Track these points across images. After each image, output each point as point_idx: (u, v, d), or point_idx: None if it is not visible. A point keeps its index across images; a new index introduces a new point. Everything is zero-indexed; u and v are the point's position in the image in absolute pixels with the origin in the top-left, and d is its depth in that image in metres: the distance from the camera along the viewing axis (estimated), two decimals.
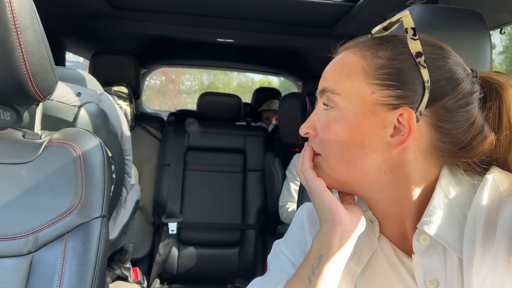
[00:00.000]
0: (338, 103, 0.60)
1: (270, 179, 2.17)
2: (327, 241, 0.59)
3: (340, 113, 0.59)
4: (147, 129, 2.51)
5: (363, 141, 0.58)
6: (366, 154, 0.58)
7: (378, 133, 0.57)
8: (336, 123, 0.59)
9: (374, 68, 0.58)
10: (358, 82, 0.59)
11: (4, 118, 0.93)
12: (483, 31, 0.77)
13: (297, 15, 1.85)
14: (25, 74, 0.81)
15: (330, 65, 0.65)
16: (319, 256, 0.59)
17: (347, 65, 0.61)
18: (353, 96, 0.59)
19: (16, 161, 0.88)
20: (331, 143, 0.60)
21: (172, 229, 2.25)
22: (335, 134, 0.59)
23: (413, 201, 0.60)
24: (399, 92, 0.56)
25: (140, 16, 2.02)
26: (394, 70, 0.57)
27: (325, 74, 0.65)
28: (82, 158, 0.90)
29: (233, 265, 2.33)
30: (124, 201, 1.49)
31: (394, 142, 0.57)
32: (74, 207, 0.87)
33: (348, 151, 0.59)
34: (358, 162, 0.59)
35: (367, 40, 0.63)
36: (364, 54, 0.60)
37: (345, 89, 0.59)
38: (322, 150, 0.62)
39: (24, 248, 0.82)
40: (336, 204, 0.59)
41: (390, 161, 0.58)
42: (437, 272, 0.58)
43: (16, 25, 0.77)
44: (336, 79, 0.61)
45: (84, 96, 1.14)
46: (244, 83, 12.47)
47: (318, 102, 0.65)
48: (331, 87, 0.61)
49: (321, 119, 0.63)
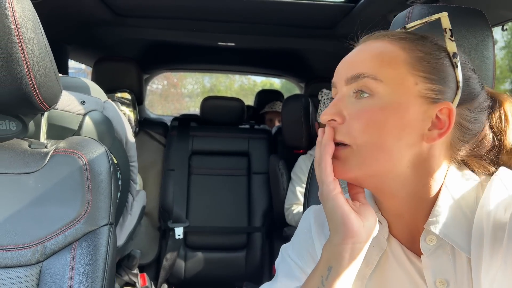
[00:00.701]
0: (379, 90, 0.57)
1: (275, 182, 2.17)
2: (338, 254, 0.58)
3: (381, 100, 0.57)
4: (151, 135, 2.52)
5: (402, 132, 0.56)
6: (401, 146, 0.57)
7: (416, 125, 0.57)
8: (376, 111, 0.56)
9: (416, 60, 0.58)
10: (402, 71, 0.57)
11: (10, 128, 0.94)
12: (485, 29, 0.77)
13: (297, 17, 1.85)
14: (30, 84, 0.81)
15: (360, 51, 0.62)
16: (329, 267, 0.58)
17: (387, 53, 0.59)
18: (397, 85, 0.57)
19: (23, 171, 0.89)
20: (368, 132, 0.56)
21: (179, 233, 2.25)
22: (374, 122, 0.56)
23: (427, 199, 0.60)
24: (439, 87, 0.57)
25: (141, 23, 2.03)
26: (436, 65, 0.58)
27: (356, 60, 0.61)
28: (88, 166, 0.90)
29: (240, 268, 2.33)
30: (130, 207, 1.49)
31: (432, 135, 0.57)
32: (81, 216, 0.87)
33: (385, 142, 0.56)
34: (391, 153, 0.57)
35: (401, 33, 0.62)
36: (403, 45, 0.59)
37: (389, 77, 0.57)
38: (354, 139, 0.58)
39: (33, 257, 0.83)
40: (349, 214, 0.57)
41: (417, 155, 0.58)
42: (446, 272, 0.58)
43: (20, 37, 0.77)
44: (375, 65, 0.58)
45: (88, 104, 1.14)
46: (246, 85, 12.49)
47: (341, 89, 0.62)
48: (371, 73, 0.57)
49: (351, 106, 0.59)
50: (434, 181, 0.59)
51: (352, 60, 0.62)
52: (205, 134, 2.47)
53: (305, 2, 1.64)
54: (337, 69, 0.64)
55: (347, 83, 0.60)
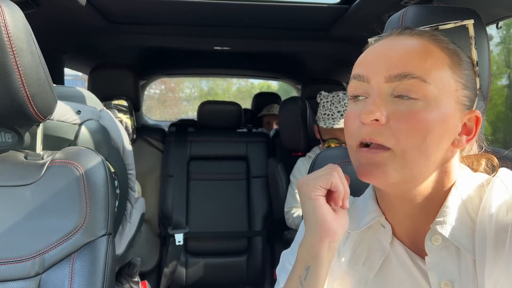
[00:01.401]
0: (429, 93, 0.54)
1: (274, 185, 2.16)
2: (315, 253, 0.59)
3: (430, 104, 0.54)
4: (149, 141, 2.51)
5: (443, 137, 0.56)
6: (439, 150, 0.57)
7: (453, 131, 0.57)
8: (424, 114, 0.54)
9: (456, 65, 0.58)
10: (448, 75, 0.56)
11: (6, 140, 0.93)
12: (479, 29, 0.77)
13: (292, 20, 1.85)
14: (24, 96, 0.81)
15: (402, 47, 0.58)
16: (307, 267, 0.60)
17: (431, 54, 0.56)
18: (444, 89, 0.55)
19: (19, 183, 0.88)
20: (414, 136, 0.54)
21: (179, 240, 2.24)
22: (422, 126, 0.54)
23: (437, 199, 0.60)
24: (470, 95, 0.59)
25: (136, 29, 2.03)
26: (469, 72, 0.59)
27: (400, 56, 0.57)
28: (85, 177, 0.90)
29: (241, 273, 2.32)
30: (130, 215, 1.49)
31: (461, 141, 0.58)
32: (79, 227, 0.86)
33: (428, 146, 0.55)
34: (431, 157, 0.56)
35: (438, 34, 0.60)
36: (443, 47, 0.58)
37: (437, 80, 0.55)
38: (398, 143, 0.55)
39: (31, 270, 0.82)
40: (327, 216, 0.58)
41: (444, 158, 0.58)
42: (451, 274, 0.58)
43: (13, 48, 0.77)
44: (423, 66, 0.55)
45: (84, 113, 1.14)
46: (244, 88, 12.49)
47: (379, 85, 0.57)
48: (420, 74, 0.55)
49: (394, 107, 0.56)
50: (449, 182, 0.60)
51: (395, 55, 0.57)
52: (203, 139, 2.47)
53: (299, 5, 1.64)
54: (368, 61, 0.60)
55: (389, 80, 0.56)
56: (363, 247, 0.67)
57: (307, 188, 0.60)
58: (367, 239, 0.67)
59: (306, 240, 0.61)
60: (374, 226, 0.67)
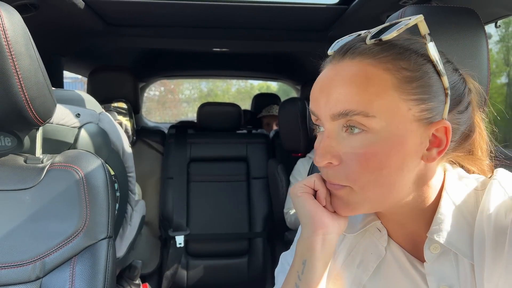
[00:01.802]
0: (374, 126, 0.52)
1: (274, 186, 2.16)
2: (310, 246, 0.59)
3: (377, 136, 0.52)
4: (149, 143, 2.51)
5: (403, 163, 0.53)
6: (403, 175, 0.54)
7: (416, 151, 0.54)
8: (374, 148, 0.52)
9: (404, 82, 0.52)
10: (393, 100, 0.52)
11: (5, 144, 0.93)
12: (478, 28, 0.77)
13: (291, 21, 1.85)
14: (23, 100, 0.81)
15: (340, 79, 0.54)
16: (303, 261, 0.60)
17: (373, 81, 0.52)
18: (391, 117, 0.52)
19: (19, 187, 0.88)
20: (369, 171, 0.53)
21: (180, 242, 2.24)
22: (374, 160, 0.52)
23: (427, 208, 0.59)
24: (431, 105, 0.53)
25: (134, 31, 2.03)
26: (423, 83, 0.53)
27: (338, 92, 0.54)
28: (85, 180, 0.90)
29: (242, 274, 2.32)
30: (130, 218, 1.48)
31: (431, 155, 0.54)
32: (79, 230, 0.86)
33: (387, 177, 0.53)
34: (395, 185, 0.54)
35: (381, 50, 0.54)
36: (386, 66, 0.53)
37: (381, 110, 0.51)
38: (354, 181, 0.54)
39: (32, 274, 0.82)
40: (316, 208, 0.60)
41: (417, 174, 0.56)
42: (450, 279, 0.57)
43: (12, 53, 0.77)
44: (364, 99, 0.52)
45: (83, 116, 1.14)
46: (243, 89, 12.50)
47: (327, 125, 0.56)
48: (361, 109, 0.51)
49: (344, 144, 0.54)
50: (432, 189, 0.59)
51: (333, 92, 0.54)
52: (202, 141, 2.47)
53: (297, 5, 1.64)
54: (315, 97, 0.58)
55: (334, 119, 0.55)
56: (358, 249, 0.67)
57: (294, 189, 0.64)
58: (362, 242, 0.67)
59: (301, 234, 0.62)
60: (370, 229, 0.67)
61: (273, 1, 1.61)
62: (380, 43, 0.54)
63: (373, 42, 0.54)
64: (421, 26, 0.53)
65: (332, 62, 0.58)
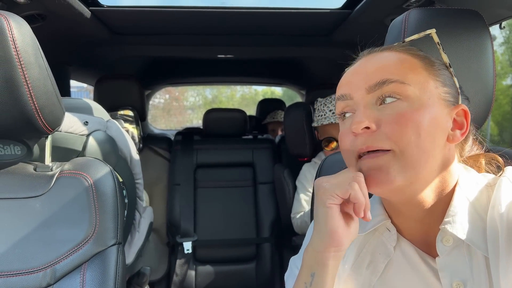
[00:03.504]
0: (410, 93, 0.57)
1: (281, 191, 2.16)
2: (321, 260, 0.59)
3: (414, 103, 0.57)
4: (156, 150, 2.52)
5: (436, 132, 0.57)
6: (435, 147, 0.57)
7: (445, 126, 0.59)
8: (412, 112, 0.56)
9: (430, 66, 0.60)
10: (424, 76, 0.59)
11: (15, 153, 0.94)
12: (482, 29, 0.77)
13: (295, 26, 1.86)
14: (33, 109, 0.82)
15: (375, 61, 0.62)
16: (312, 274, 0.59)
17: (405, 61, 0.60)
18: (423, 88, 0.58)
19: (29, 194, 0.89)
20: (408, 134, 0.55)
21: (187, 248, 2.24)
22: (413, 124, 0.55)
23: (443, 200, 0.60)
24: (451, 91, 0.61)
25: (139, 40, 2.05)
26: (444, 73, 0.62)
27: (376, 68, 0.60)
28: (94, 187, 0.90)
29: (251, 280, 2.31)
30: (138, 224, 1.49)
31: (456, 135, 0.60)
32: (89, 237, 0.87)
33: (424, 142, 0.56)
34: (430, 154, 0.57)
35: (405, 45, 0.65)
36: (413, 53, 0.62)
37: (415, 81, 0.58)
38: (396, 143, 0.56)
39: (43, 281, 0.83)
40: (339, 228, 0.58)
41: (444, 157, 0.59)
42: (463, 274, 0.57)
43: (21, 62, 0.78)
44: (399, 71, 0.59)
45: (91, 124, 1.15)
46: (248, 95, 12.55)
47: (361, 98, 0.60)
48: (398, 78, 0.58)
49: (381, 112, 0.58)
50: (451, 177, 0.60)
51: (370, 69, 0.61)
52: (209, 147, 2.48)
53: (301, 10, 1.65)
54: (347, 80, 0.63)
55: (370, 91, 0.59)
56: (367, 250, 0.67)
57: (323, 193, 0.59)
58: (371, 242, 0.67)
59: (312, 244, 0.60)
60: (379, 229, 0.67)
61: (276, 7, 1.62)
62: (406, 43, 0.66)
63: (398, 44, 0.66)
64: (434, 36, 0.64)
65: (361, 57, 0.66)
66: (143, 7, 1.61)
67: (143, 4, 1.62)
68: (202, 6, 1.61)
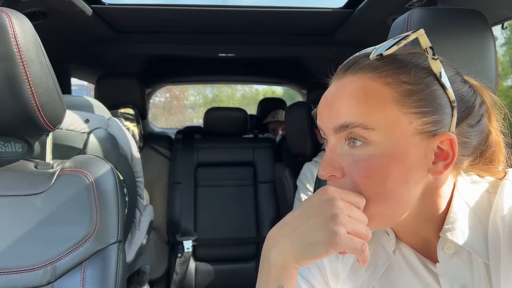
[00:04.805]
0: (374, 138, 0.52)
1: (282, 190, 2.16)
2: (290, 276, 0.55)
3: (378, 149, 0.52)
4: (156, 149, 2.52)
5: (407, 175, 0.53)
6: (409, 188, 0.54)
7: (421, 164, 0.53)
8: (375, 160, 0.52)
9: (404, 96, 0.53)
10: (393, 113, 0.52)
11: (16, 150, 0.94)
12: (485, 29, 0.77)
13: (296, 25, 1.86)
14: (34, 106, 0.82)
15: (341, 93, 0.56)
16: (280, 287, 0.56)
17: (372, 94, 0.53)
18: (391, 129, 0.52)
19: (30, 192, 0.89)
20: (372, 184, 0.53)
21: (188, 247, 2.24)
22: (376, 173, 0.52)
23: (439, 213, 0.58)
24: (435, 118, 0.53)
25: (141, 38, 2.05)
26: (425, 95, 0.53)
27: (339, 106, 0.55)
28: (95, 185, 0.90)
29: (251, 279, 2.31)
30: (138, 223, 1.49)
31: (437, 168, 0.54)
32: (90, 235, 0.87)
33: (392, 189, 0.53)
34: (401, 197, 0.54)
35: (381, 65, 0.55)
36: (385, 80, 0.54)
37: (380, 122, 0.52)
38: (363, 193, 0.54)
39: (43, 279, 0.83)
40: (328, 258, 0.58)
41: (426, 186, 0.55)
42: (463, 279, 0.57)
43: (23, 59, 0.78)
44: (363, 111, 0.53)
45: (92, 122, 1.15)
46: (248, 94, 12.53)
47: (331, 138, 0.57)
48: (360, 122, 0.52)
49: (347, 157, 0.55)
50: (443, 199, 0.58)
51: (335, 106, 0.56)
52: (209, 146, 2.48)
53: (303, 10, 1.65)
54: (319, 112, 0.60)
55: (336, 132, 0.56)
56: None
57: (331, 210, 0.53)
58: (371, 245, 0.66)
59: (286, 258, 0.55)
60: (378, 232, 0.66)
61: (278, 6, 1.62)
62: (382, 58, 0.55)
63: (375, 58, 0.55)
64: (422, 40, 0.54)
65: (336, 78, 0.60)
66: (144, 5, 1.61)
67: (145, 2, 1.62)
68: (204, 4, 1.61)
